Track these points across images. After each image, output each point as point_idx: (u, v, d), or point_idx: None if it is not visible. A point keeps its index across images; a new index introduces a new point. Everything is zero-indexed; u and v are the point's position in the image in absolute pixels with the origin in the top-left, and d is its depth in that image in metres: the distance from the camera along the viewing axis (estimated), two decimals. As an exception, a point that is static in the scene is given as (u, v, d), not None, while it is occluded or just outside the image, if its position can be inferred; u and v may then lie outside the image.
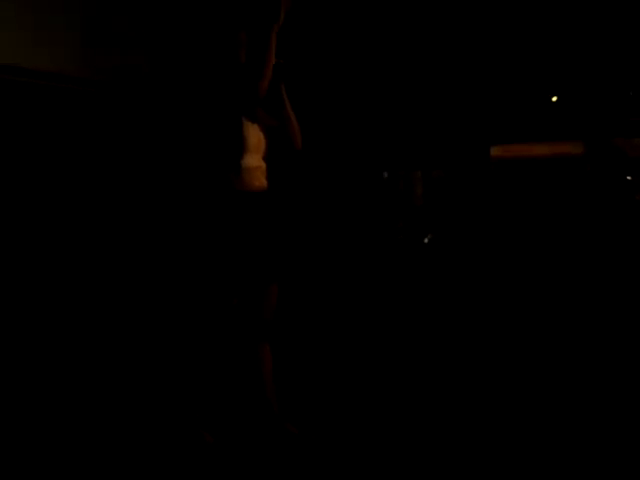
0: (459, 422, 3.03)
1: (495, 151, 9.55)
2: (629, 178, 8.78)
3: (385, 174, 8.94)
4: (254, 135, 2.78)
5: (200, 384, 2.79)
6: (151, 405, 3.25)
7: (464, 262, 7.87)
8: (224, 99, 2.72)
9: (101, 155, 4.83)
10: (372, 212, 8.66)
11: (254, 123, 2.79)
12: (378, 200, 8.83)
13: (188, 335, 3.20)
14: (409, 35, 8.41)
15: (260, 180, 2.80)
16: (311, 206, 7.55)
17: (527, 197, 9.43)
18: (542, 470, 2.59)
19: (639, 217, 8.29)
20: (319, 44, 7.54)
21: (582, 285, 6.14)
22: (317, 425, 3.04)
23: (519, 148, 9.53)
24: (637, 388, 3.38)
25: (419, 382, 3.61)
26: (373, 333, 4.68)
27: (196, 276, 2.80)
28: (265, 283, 2.78)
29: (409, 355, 4.13)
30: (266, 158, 2.83)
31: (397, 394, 3.44)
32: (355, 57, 8.14)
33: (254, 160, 2.78)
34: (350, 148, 8.46)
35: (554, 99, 9.04)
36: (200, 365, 2.78)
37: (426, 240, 8.99)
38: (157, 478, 2.55)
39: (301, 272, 6.64)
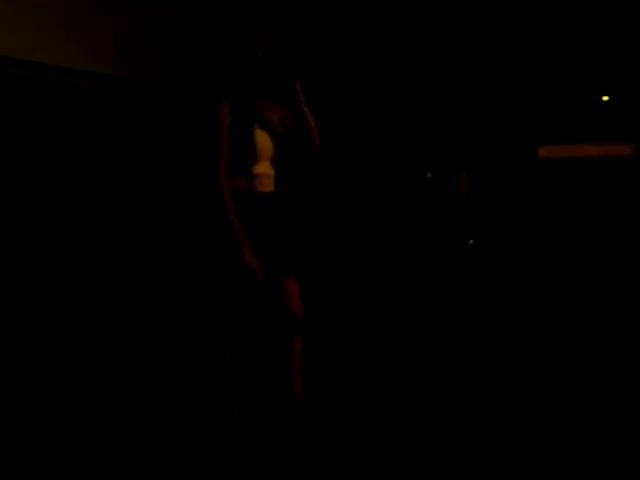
0: (488, 423, 3.03)
1: (543, 151, 9.39)
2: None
3: (429, 175, 8.91)
4: (264, 142, 2.85)
5: (233, 376, 2.87)
6: (189, 401, 3.34)
7: (509, 264, 7.76)
8: (238, 102, 2.78)
9: (117, 155, 4.94)
10: (414, 212, 8.64)
11: (264, 130, 2.85)
12: (421, 201, 8.80)
13: (215, 330, 3.28)
14: (455, 33, 8.38)
15: (268, 186, 2.87)
16: (351, 204, 7.59)
17: (575, 198, 9.23)
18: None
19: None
20: (354, 41, 7.59)
21: (633, 289, 5.99)
22: (341, 416, 3.08)
23: (568, 148, 9.35)
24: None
25: (458, 381, 3.60)
26: (412, 332, 4.68)
27: (208, 273, 2.88)
28: (280, 276, 2.83)
29: (447, 354, 4.12)
30: (277, 163, 2.91)
31: (426, 390, 3.45)
32: (400, 55, 8.15)
33: (261, 167, 2.85)
34: (394, 148, 8.47)
35: (605, 99, 8.83)
36: (233, 357, 2.85)
37: (471, 242, 8.91)
38: (199, 473, 2.61)
39: (339, 271, 6.69)
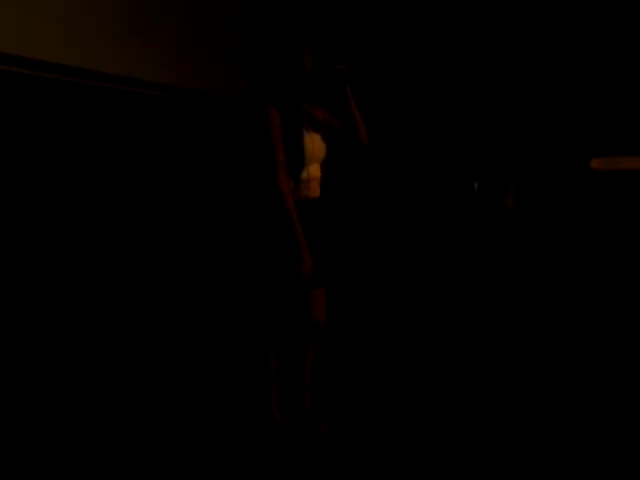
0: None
1: (596, 163, 9.15)
2: None
3: (476, 185, 8.83)
4: (313, 145, 2.89)
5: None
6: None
7: (560, 276, 7.62)
8: (287, 106, 2.84)
9: (166, 158, 5.06)
10: (460, 223, 8.59)
11: (316, 132, 2.91)
12: (468, 211, 8.75)
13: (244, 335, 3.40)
14: (507, 44, 8.31)
15: (315, 190, 2.93)
16: (396, 214, 7.63)
17: (629, 212, 8.96)
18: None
19: None
20: (400, 47, 7.63)
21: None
22: (348, 424, 3.17)
23: (622, 161, 9.07)
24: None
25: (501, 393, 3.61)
26: (452, 345, 4.68)
27: (249, 278, 2.97)
28: (314, 287, 2.90)
29: (496, 366, 4.11)
30: (325, 166, 2.96)
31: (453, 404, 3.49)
32: (451, 64, 8.14)
33: (311, 171, 2.90)
34: (441, 157, 8.46)
35: (661, 110, 8.54)
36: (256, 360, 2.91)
37: (520, 251, 8.78)
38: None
39: (379, 281, 6.74)
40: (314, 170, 2.87)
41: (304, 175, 2.81)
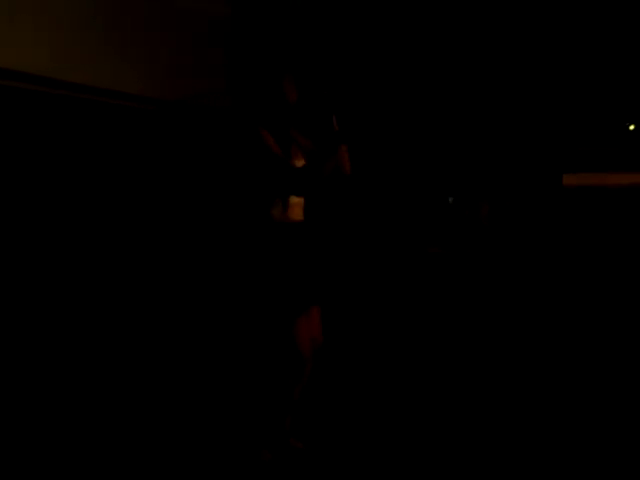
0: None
1: (568, 179, 9.33)
2: None
3: (450, 199, 8.92)
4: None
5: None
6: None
7: (531, 291, 7.71)
8: (276, 132, 2.86)
9: (153, 174, 5.08)
10: (434, 237, 8.66)
11: (300, 158, 2.93)
12: (442, 225, 8.82)
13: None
14: (479, 59, 8.42)
15: (299, 215, 2.93)
16: (369, 227, 7.66)
17: (599, 226, 9.13)
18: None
19: None
20: (380, 69, 7.70)
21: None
22: (323, 441, 3.14)
23: (593, 177, 9.26)
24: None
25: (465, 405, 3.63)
26: (428, 356, 4.70)
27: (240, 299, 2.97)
28: (306, 306, 2.88)
29: (462, 382, 4.13)
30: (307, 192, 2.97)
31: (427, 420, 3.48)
32: (425, 81, 8.23)
33: (294, 197, 2.91)
34: (416, 173, 8.53)
35: (631, 127, 8.76)
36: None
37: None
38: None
39: (358, 296, 6.75)
40: (296, 197, 2.92)
41: (291, 199, 2.86)
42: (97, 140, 4.52)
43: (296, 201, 2.92)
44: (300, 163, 2.94)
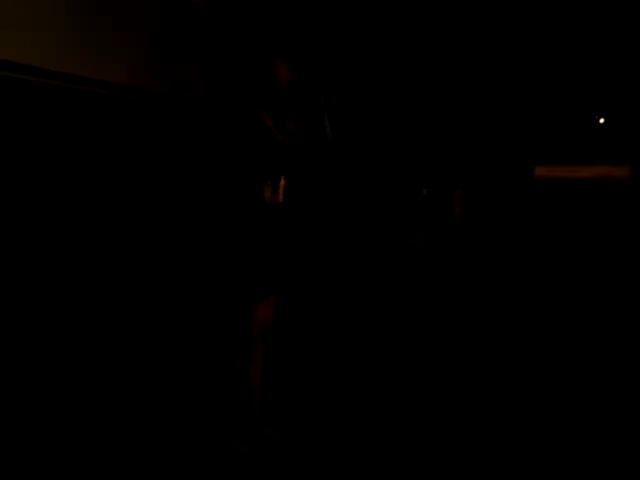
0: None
1: (539, 171, 9.46)
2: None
3: (424, 191, 9.00)
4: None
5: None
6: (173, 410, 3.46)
7: (504, 281, 7.82)
8: (260, 121, 2.86)
9: (143, 163, 5.06)
10: (409, 228, 8.73)
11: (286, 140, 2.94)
12: (417, 216, 8.90)
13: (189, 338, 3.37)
14: (452, 54, 8.49)
15: (279, 195, 2.95)
16: (341, 219, 7.69)
17: (570, 218, 9.28)
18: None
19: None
20: (359, 59, 7.72)
21: (624, 311, 6.04)
22: (298, 430, 3.19)
23: (564, 169, 9.40)
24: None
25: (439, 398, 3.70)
26: (404, 345, 4.76)
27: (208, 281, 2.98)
28: (265, 292, 2.92)
29: (436, 369, 4.19)
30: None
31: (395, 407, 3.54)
32: (395, 74, 8.27)
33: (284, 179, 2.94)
34: (389, 165, 8.58)
35: (601, 121, 8.90)
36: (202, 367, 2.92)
37: (468, 255, 8.96)
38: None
39: (333, 284, 6.79)
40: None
41: (281, 181, 2.90)
42: (74, 129, 4.47)
43: (283, 183, 2.95)
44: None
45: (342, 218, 7.79)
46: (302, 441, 3.09)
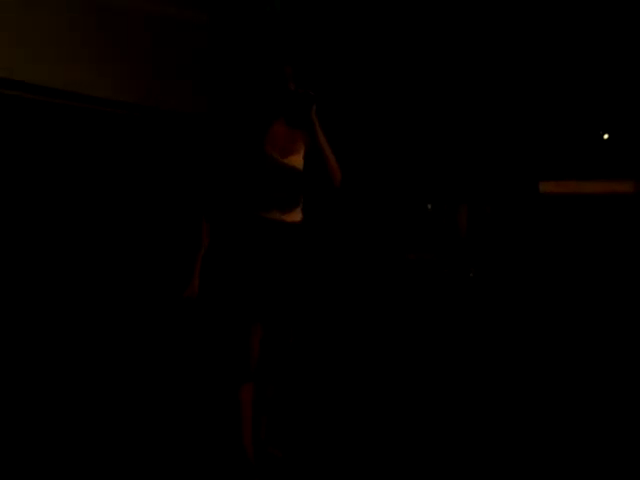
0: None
1: (545, 186, 9.44)
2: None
3: (429, 206, 8.99)
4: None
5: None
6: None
7: (509, 297, 7.79)
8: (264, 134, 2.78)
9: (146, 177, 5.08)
10: (414, 244, 8.71)
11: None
12: (421, 232, 8.88)
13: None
14: (458, 67, 8.51)
15: (292, 216, 2.81)
16: (347, 237, 7.68)
17: (576, 234, 9.26)
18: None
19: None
20: (360, 72, 7.74)
21: (632, 327, 6.00)
22: (304, 449, 3.17)
23: (569, 184, 9.39)
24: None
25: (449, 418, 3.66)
26: (406, 362, 4.73)
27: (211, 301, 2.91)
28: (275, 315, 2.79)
29: (445, 386, 4.16)
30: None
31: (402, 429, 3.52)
32: (401, 88, 8.29)
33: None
34: (394, 179, 8.59)
35: (605, 136, 8.90)
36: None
37: (471, 274, 8.93)
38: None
39: (335, 301, 6.77)
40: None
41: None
42: (68, 144, 4.50)
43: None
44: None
45: (345, 234, 7.78)
46: (308, 461, 3.06)
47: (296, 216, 2.83)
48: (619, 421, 3.58)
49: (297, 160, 2.82)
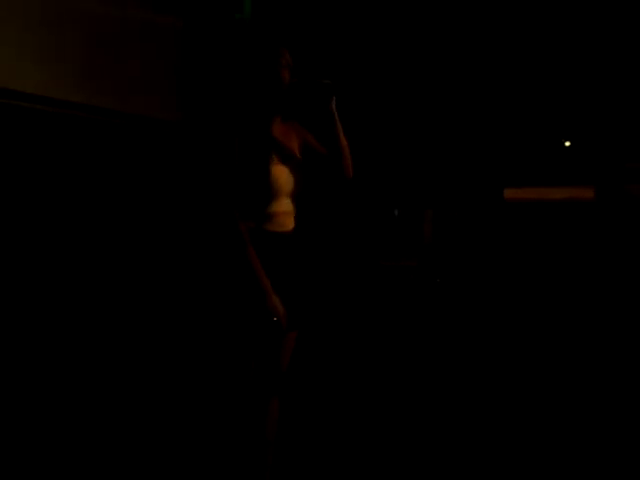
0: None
1: (509, 193, 9.63)
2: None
3: (396, 212, 9.04)
4: (282, 178, 2.61)
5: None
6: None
7: (474, 302, 7.89)
8: (254, 135, 2.59)
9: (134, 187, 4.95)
10: (380, 249, 8.74)
11: (284, 164, 2.64)
12: (387, 237, 8.92)
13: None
14: (421, 76, 8.59)
15: (285, 225, 2.64)
16: (321, 243, 7.64)
17: (538, 239, 9.46)
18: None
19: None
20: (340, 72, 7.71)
21: (593, 329, 6.14)
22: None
23: (532, 191, 9.60)
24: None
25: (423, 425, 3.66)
26: (380, 374, 4.72)
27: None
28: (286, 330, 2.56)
29: (417, 398, 4.17)
30: (299, 198, 2.69)
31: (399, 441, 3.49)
32: (366, 96, 8.31)
33: (281, 205, 2.64)
34: (361, 185, 8.59)
35: (567, 144, 9.13)
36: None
37: (438, 280, 9.01)
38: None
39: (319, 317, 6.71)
40: (283, 204, 2.67)
41: (271, 209, 2.62)
42: (44, 150, 4.35)
43: (282, 210, 2.68)
44: (282, 170, 2.71)
45: (319, 240, 7.74)
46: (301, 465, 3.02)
47: (291, 224, 2.72)
48: (591, 423, 3.65)
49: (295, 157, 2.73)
